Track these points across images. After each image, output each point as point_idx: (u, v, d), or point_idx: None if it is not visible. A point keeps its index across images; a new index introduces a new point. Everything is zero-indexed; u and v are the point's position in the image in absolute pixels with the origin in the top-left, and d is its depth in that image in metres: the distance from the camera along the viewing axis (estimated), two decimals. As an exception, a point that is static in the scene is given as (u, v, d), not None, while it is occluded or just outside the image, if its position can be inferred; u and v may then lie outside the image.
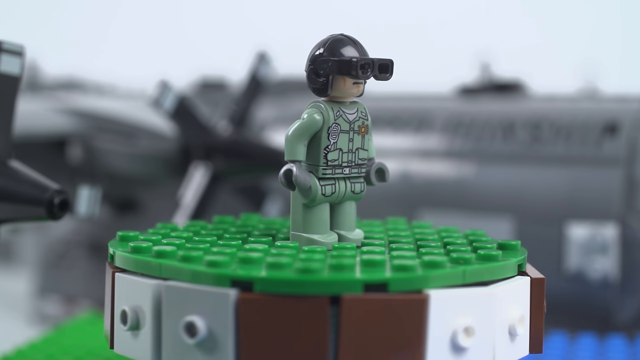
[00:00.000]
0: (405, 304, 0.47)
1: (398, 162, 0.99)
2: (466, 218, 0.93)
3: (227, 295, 0.47)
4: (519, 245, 0.56)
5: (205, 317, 0.48)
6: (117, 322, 0.52)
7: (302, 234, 0.55)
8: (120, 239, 0.57)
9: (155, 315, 0.50)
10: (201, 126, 0.87)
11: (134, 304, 0.51)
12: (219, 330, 0.47)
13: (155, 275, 0.50)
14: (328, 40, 0.54)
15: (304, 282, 0.46)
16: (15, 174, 0.62)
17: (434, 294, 0.47)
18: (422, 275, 0.48)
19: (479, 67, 1.13)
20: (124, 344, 0.52)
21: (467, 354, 0.49)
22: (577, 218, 0.88)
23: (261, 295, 0.47)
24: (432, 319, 0.47)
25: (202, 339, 0.48)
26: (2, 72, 0.61)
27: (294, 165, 0.53)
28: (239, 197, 0.93)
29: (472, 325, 0.48)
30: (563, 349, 0.75)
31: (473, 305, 0.49)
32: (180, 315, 0.48)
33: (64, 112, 0.94)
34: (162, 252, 0.51)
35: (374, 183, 0.57)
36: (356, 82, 0.53)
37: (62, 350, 0.73)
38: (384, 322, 0.46)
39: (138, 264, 0.52)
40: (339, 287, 0.46)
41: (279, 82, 1.07)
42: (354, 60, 0.52)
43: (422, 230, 0.61)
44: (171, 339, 0.49)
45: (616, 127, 0.91)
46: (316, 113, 0.53)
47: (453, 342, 0.48)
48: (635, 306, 0.87)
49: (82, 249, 1.11)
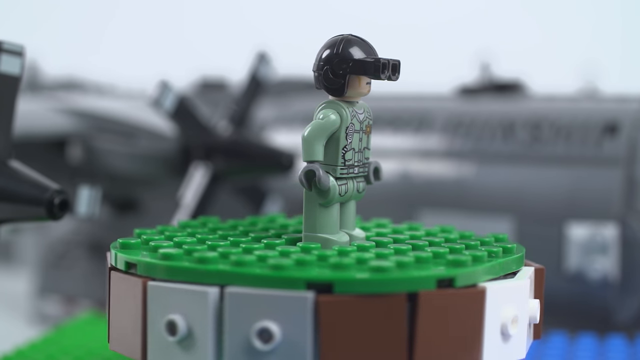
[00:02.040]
0: (471, 297, 0.49)
1: (398, 162, 0.99)
2: (466, 218, 0.93)
3: (304, 298, 0.46)
4: (506, 238, 0.59)
5: (279, 321, 0.46)
6: (157, 333, 0.50)
7: (317, 234, 0.54)
8: (152, 249, 0.54)
9: (216, 323, 0.48)
10: (201, 126, 0.87)
11: (185, 312, 0.48)
12: (294, 334, 0.46)
13: (208, 282, 0.48)
14: (341, 40, 0.54)
15: (381, 281, 0.47)
16: (15, 174, 0.62)
17: (489, 286, 0.50)
18: (474, 269, 0.50)
19: (479, 67, 1.13)
20: (169, 356, 0.49)
21: (512, 341, 0.51)
22: (577, 218, 0.88)
23: (342, 297, 0.46)
24: (488, 310, 0.49)
25: (277, 345, 0.46)
26: (2, 72, 0.61)
27: (316, 165, 0.53)
28: (239, 197, 0.93)
29: (517, 314, 0.51)
30: (563, 349, 0.75)
31: (514, 296, 0.52)
32: (250, 321, 0.47)
33: (64, 112, 0.94)
34: (205, 259, 0.49)
35: (372, 182, 0.57)
36: (368, 82, 0.54)
37: (62, 350, 0.73)
38: (453, 316, 0.48)
39: (187, 273, 0.49)
40: (414, 284, 0.47)
41: (279, 82, 1.07)
42: (381, 60, 0.52)
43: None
44: (236, 347, 0.47)
45: (616, 127, 0.91)
46: (332, 113, 0.53)
47: (503, 331, 0.51)
48: (635, 306, 0.87)
49: (82, 249, 1.11)
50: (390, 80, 0.54)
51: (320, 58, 0.54)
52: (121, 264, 0.53)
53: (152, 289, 0.50)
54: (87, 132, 0.93)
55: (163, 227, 0.60)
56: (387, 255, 0.51)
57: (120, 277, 0.53)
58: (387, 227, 0.64)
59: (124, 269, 0.53)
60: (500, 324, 0.51)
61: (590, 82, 1.17)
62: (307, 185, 0.53)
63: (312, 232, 0.55)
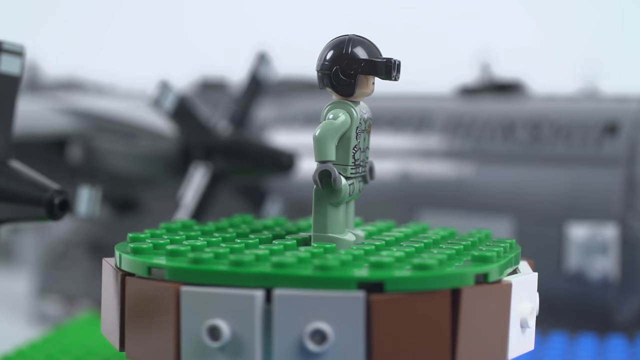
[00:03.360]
0: (502, 290, 0.51)
1: (398, 162, 0.99)
2: (466, 218, 0.93)
3: (357, 298, 0.46)
4: (491, 234, 0.62)
5: (331, 322, 0.46)
6: (194, 339, 0.49)
7: (327, 234, 0.55)
8: (170, 253, 0.52)
9: (264, 327, 0.48)
10: (201, 126, 0.87)
11: (228, 317, 0.48)
12: (347, 334, 0.46)
13: (249, 285, 0.48)
14: (348, 40, 0.54)
15: (427, 278, 0.48)
16: (15, 174, 0.62)
17: (512, 280, 0.52)
18: (498, 264, 0.52)
19: (479, 67, 1.13)
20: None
21: (528, 332, 0.54)
22: (577, 218, 0.88)
23: (393, 295, 0.47)
24: (513, 303, 0.52)
25: (330, 346, 0.46)
26: (2, 72, 0.61)
27: (330, 165, 0.53)
28: (239, 197, 0.93)
29: (533, 307, 0.54)
30: (563, 349, 0.75)
31: (529, 289, 0.54)
32: (301, 324, 0.47)
33: (64, 112, 0.94)
34: (242, 262, 0.49)
35: (368, 181, 0.57)
36: (373, 82, 0.54)
37: (62, 350, 0.73)
38: (489, 309, 0.50)
39: (226, 276, 0.48)
40: (456, 280, 0.49)
41: (279, 82, 1.07)
42: (394, 60, 0.53)
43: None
44: (287, 350, 0.47)
45: (616, 127, 0.91)
46: (343, 113, 0.54)
47: (522, 323, 0.53)
48: (635, 306, 0.87)
49: (82, 249, 1.11)
50: (393, 80, 0.54)
51: (326, 58, 0.54)
52: (140, 269, 0.51)
53: (187, 294, 0.49)
54: (87, 132, 0.93)
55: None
56: (422, 252, 0.53)
57: (139, 283, 0.51)
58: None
59: (145, 274, 0.51)
60: (520, 317, 0.53)
61: (590, 82, 1.17)
62: (321, 185, 0.53)
63: (323, 232, 0.55)
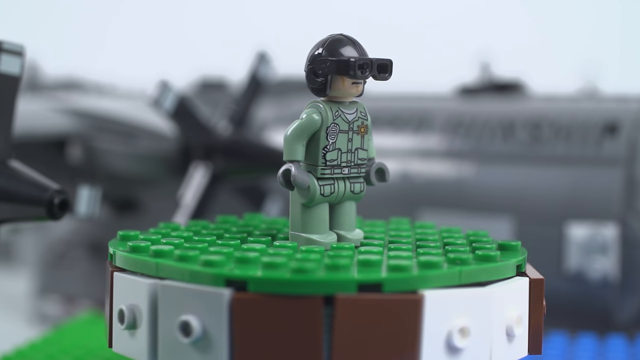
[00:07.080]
0: (399, 304, 0.46)
1: (398, 162, 0.99)
2: (466, 218, 0.93)
3: (221, 295, 0.47)
4: (519, 246, 0.56)
5: (201, 316, 0.48)
6: (115, 321, 0.52)
7: (301, 234, 0.55)
8: (121, 238, 0.57)
9: (152, 315, 0.50)
10: (201, 126, 0.87)
11: (131, 303, 0.51)
12: (213, 329, 0.47)
13: (152, 274, 0.50)
14: (327, 40, 0.54)
15: (297, 282, 0.46)
16: (15, 174, 0.62)
17: (428, 294, 0.47)
18: (418, 275, 0.47)
19: (479, 67, 1.13)
20: (122, 343, 0.52)
21: (463, 354, 0.48)
22: (577, 218, 0.88)
23: (255, 295, 0.47)
24: (427, 319, 0.47)
25: (197, 339, 0.48)
26: (2, 72, 0.61)
27: (292, 165, 0.53)
28: (239, 197, 0.93)
29: (468, 326, 0.48)
30: (563, 349, 0.75)
31: (469, 306, 0.48)
32: (176, 314, 0.48)
33: (64, 112, 0.94)
34: (160, 252, 0.51)
35: (373, 183, 0.57)
36: (355, 82, 0.53)
37: (62, 350, 0.73)
38: (378, 322, 0.46)
39: (136, 263, 0.52)
40: (333, 287, 0.46)
41: (279, 82, 1.07)
42: (352, 60, 0.52)
43: (423, 231, 0.61)
44: (167, 338, 0.49)
45: (616, 127, 0.91)
46: (314, 113, 0.53)
47: (448, 342, 0.48)
48: (635, 306, 0.87)
49: (82, 249, 1.11)
50: (378, 79, 0.53)
51: (307, 58, 0.54)
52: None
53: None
54: (87, 132, 0.93)
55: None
56: (337, 256, 0.50)
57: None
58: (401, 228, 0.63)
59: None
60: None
61: (590, 82, 1.17)
62: (286, 184, 0.54)
63: (297, 231, 0.55)
